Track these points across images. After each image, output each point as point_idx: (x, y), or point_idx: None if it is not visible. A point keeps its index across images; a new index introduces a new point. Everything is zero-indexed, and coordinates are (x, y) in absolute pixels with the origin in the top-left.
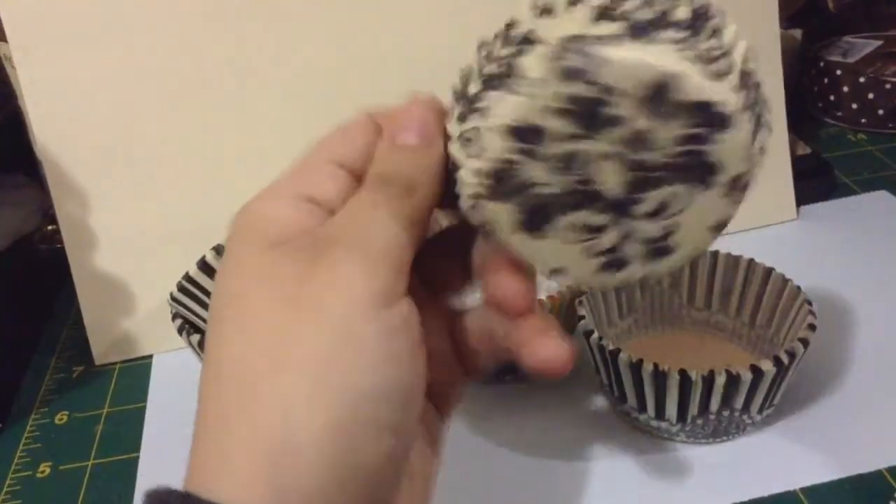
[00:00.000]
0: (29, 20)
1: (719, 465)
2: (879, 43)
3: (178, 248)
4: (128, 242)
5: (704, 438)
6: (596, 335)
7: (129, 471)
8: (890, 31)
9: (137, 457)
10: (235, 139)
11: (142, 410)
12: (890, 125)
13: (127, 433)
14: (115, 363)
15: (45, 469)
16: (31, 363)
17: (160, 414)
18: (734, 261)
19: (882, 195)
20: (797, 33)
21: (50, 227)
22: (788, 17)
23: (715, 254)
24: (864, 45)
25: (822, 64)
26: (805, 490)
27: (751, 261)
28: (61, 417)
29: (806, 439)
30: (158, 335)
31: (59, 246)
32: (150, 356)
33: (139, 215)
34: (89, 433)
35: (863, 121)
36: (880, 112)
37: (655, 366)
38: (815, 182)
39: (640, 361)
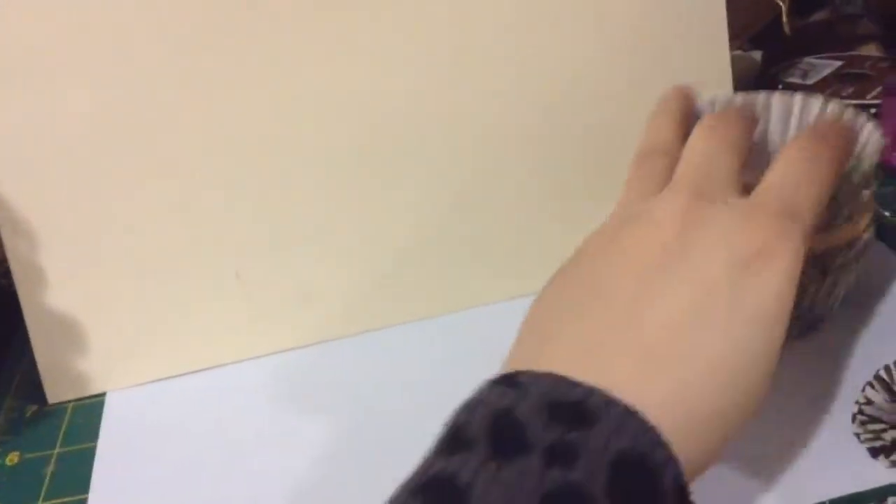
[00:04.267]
0: None
1: None
2: (840, 63)
3: (131, 284)
4: (80, 279)
5: None
6: None
7: None
8: (851, 52)
9: (86, 498)
10: (190, 179)
11: (93, 450)
12: None
13: (77, 474)
14: (69, 402)
15: None
16: None
17: (110, 453)
18: None
19: None
20: (757, 55)
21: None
22: (750, 40)
23: None
24: (825, 67)
25: (780, 86)
26: None
27: None
28: (12, 458)
29: None
30: (112, 372)
31: None
32: (104, 394)
33: (91, 252)
34: (39, 474)
35: None
36: None
37: None
38: None
39: None
